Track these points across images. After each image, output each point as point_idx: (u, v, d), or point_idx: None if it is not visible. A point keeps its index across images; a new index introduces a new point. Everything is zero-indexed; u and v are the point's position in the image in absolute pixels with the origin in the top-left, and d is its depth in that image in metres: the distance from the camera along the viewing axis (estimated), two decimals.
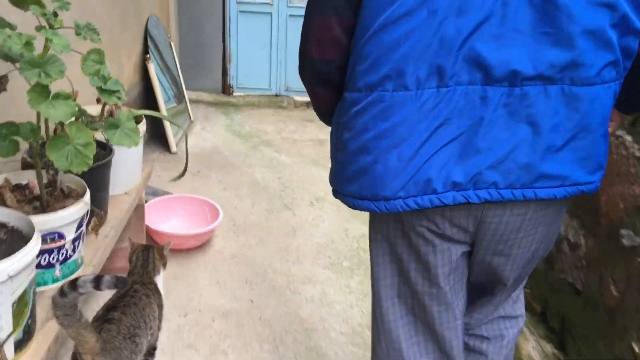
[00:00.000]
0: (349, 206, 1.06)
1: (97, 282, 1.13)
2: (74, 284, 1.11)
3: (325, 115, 1.17)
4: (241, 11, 4.45)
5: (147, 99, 3.38)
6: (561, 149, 0.98)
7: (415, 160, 0.97)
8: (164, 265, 1.66)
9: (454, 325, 1.16)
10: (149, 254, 1.62)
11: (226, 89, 4.65)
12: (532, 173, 0.98)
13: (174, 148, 3.44)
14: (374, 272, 1.19)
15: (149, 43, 3.37)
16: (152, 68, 3.28)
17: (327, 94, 1.10)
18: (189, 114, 4.01)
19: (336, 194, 1.10)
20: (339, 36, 1.00)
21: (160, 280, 1.62)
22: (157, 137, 3.53)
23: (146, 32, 3.37)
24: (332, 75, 1.06)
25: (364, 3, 0.95)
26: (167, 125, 3.41)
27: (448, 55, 0.93)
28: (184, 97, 3.97)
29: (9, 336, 1.08)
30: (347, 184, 1.04)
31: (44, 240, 1.28)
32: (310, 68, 1.07)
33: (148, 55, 3.30)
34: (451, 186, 0.98)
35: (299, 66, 1.10)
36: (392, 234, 1.13)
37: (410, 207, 0.99)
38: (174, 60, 3.93)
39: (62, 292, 1.10)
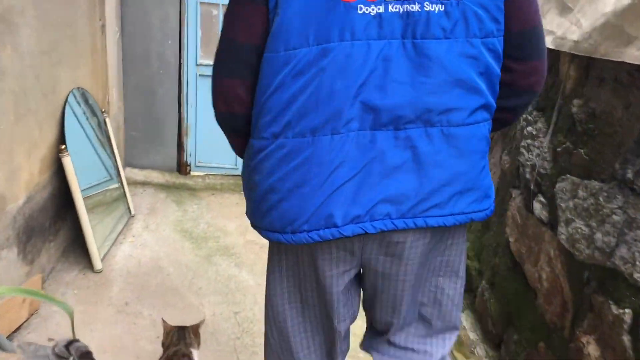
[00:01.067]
0: (263, 237, 1.19)
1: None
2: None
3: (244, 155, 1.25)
4: (201, 75, 3.65)
5: (65, 198, 2.54)
6: (448, 182, 1.11)
7: (316, 198, 1.09)
8: (198, 344, 1.76)
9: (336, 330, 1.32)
10: (184, 332, 1.73)
11: (182, 168, 3.82)
12: (422, 204, 1.11)
13: (98, 264, 2.58)
14: (269, 284, 1.34)
15: (68, 125, 2.55)
16: (69, 163, 2.44)
17: (239, 140, 1.21)
18: (128, 206, 3.16)
19: (253, 226, 1.22)
20: (242, 95, 1.12)
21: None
22: (78, 245, 2.68)
23: (64, 113, 2.54)
24: (238, 125, 1.17)
25: (263, 67, 1.07)
26: (88, 233, 2.56)
27: (341, 106, 1.05)
28: (122, 182, 3.13)
29: None
30: (260, 218, 1.17)
31: None
32: (220, 119, 1.19)
33: (63, 146, 2.46)
34: (350, 220, 1.10)
35: (215, 117, 1.19)
36: (293, 259, 1.27)
37: (313, 239, 1.11)
38: (109, 138, 3.10)
39: None
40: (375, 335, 1.40)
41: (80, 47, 2.77)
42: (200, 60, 3.65)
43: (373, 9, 1.03)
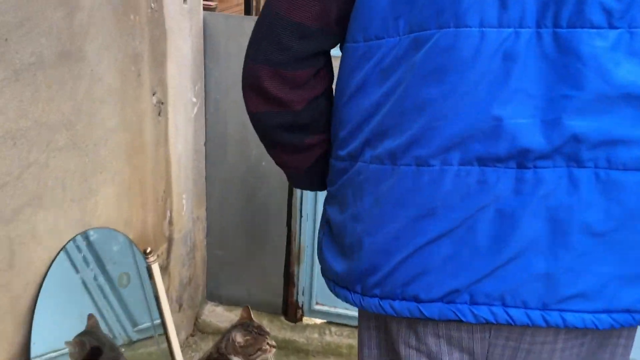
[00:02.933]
0: (330, 290, 0.90)
1: None
2: None
3: (297, 181, 1.02)
4: None
5: None
6: (600, 257, 0.71)
7: (393, 254, 0.78)
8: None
9: None
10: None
11: (290, 310, 2.41)
12: (556, 288, 0.72)
13: None
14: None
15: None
16: None
17: (300, 156, 0.94)
18: None
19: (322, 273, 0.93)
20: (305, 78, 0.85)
21: None
22: None
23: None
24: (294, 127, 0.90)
25: (341, 60, 0.82)
26: None
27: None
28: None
29: None
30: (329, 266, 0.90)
31: None
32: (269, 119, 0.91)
33: None
34: (444, 294, 0.75)
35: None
36: (381, 332, 0.91)
37: (385, 310, 0.79)
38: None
39: None
40: None
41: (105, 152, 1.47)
42: None
43: None
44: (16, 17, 1.11)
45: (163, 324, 1.80)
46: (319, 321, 2.42)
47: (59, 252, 1.33)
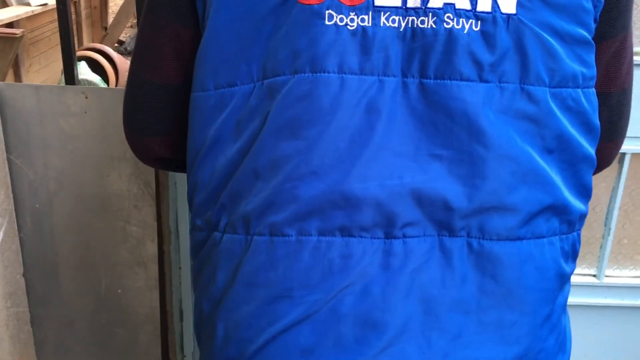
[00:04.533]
0: None
1: None
2: None
3: None
4: None
5: None
6: (476, 339, 0.65)
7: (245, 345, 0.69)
8: None
9: None
10: None
11: None
12: None
13: None
14: None
15: None
16: None
17: None
18: None
19: None
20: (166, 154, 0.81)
21: None
22: None
23: None
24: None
25: (190, 114, 0.71)
26: None
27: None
28: None
29: None
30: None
31: None
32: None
33: None
34: None
35: None
36: None
37: None
38: None
39: None
40: None
41: None
42: None
43: (353, 20, 0.62)
44: None
45: None
46: None
47: None
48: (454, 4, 0.62)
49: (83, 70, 3.29)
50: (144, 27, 0.73)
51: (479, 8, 0.62)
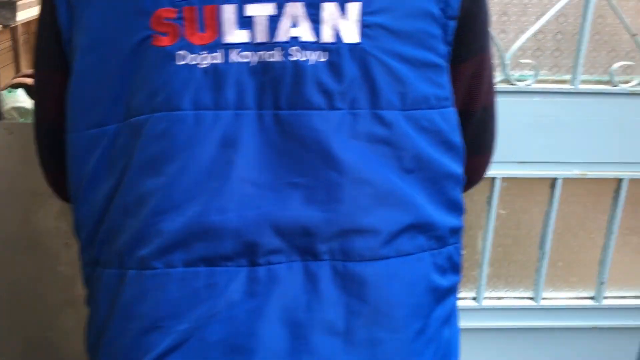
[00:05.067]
0: None
1: None
2: None
3: None
4: None
5: None
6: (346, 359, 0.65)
7: None
8: None
9: None
10: None
11: None
12: None
13: None
14: None
15: None
16: None
17: None
18: None
19: None
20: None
21: None
22: None
23: None
24: None
25: (67, 155, 0.72)
26: None
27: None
28: None
29: None
30: None
31: None
32: None
33: None
34: None
35: None
36: None
37: None
38: None
39: None
40: None
41: None
42: None
43: (204, 58, 0.65)
44: None
45: None
46: None
47: None
48: (299, 37, 0.65)
49: (20, 98, 3.17)
50: (34, 73, 0.78)
51: (323, 40, 0.65)
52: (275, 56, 0.65)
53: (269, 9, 0.65)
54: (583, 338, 1.57)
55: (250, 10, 0.65)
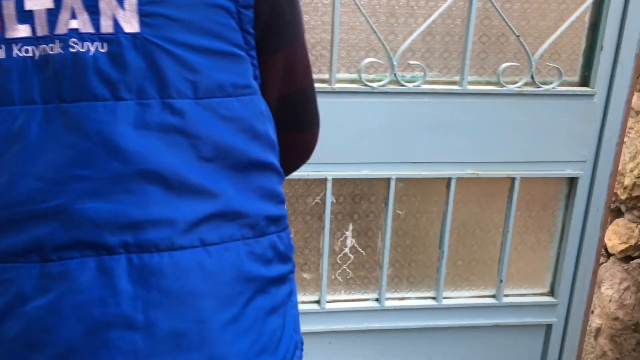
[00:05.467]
0: None
1: None
2: None
3: None
4: None
5: None
6: (148, 352, 0.65)
7: None
8: None
9: None
10: None
11: None
12: None
13: None
14: None
15: None
16: None
17: None
18: None
19: None
20: None
21: None
22: None
23: None
24: None
25: None
26: None
27: None
28: None
29: None
30: None
31: None
32: None
33: None
34: None
35: None
36: None
37: None
38: None
39: None
40: None
41: None
42: None
43: None
44: None
45: None
46: None
47: None
48: (77, 29, 0.65)
49: None
50: None
51: (103, 30, 0.65)
52: (56, 49, 0.65)
53: (48, 2, 0.64)
54: (486, 336, 1.59)
55: (30, 4, 0.64)
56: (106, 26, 0.65)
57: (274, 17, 0.73)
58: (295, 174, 1.35)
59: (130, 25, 0.65)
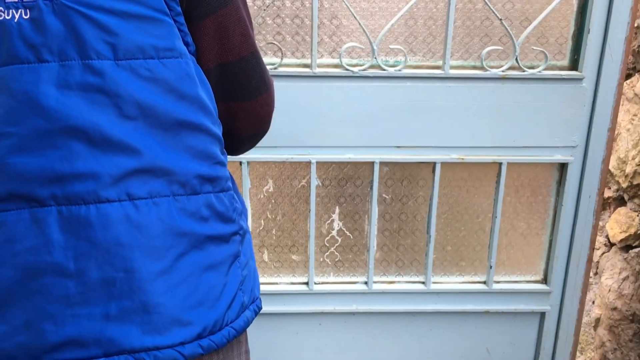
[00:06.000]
0: None
1: None
2: None
3: None
4: None
5: None
6: (80, 299, 0.71)
7: None
8: None
9: None
10: None
11: None
12: (41, 338, 0.71)
13: None
14: None
15: None
16: None
17: None
18: None
19: None
20: None
21: None
22: None
23: None
24: None
25: None
26: None
27: None
28: None
29: None
30: None
31: None
32: None
33: None
34: None
35: None
36: None
37: None
38: None
39: None
40: None
41: None
42: None
43: None
44: None
45: None
46: None
47: None
48: None
49: None
50: None
51: None
52: None
53: None
54: (478, 322, 1.59)
55: None
56: None
57: None
58: (279, 156, 1.39)
59: None
